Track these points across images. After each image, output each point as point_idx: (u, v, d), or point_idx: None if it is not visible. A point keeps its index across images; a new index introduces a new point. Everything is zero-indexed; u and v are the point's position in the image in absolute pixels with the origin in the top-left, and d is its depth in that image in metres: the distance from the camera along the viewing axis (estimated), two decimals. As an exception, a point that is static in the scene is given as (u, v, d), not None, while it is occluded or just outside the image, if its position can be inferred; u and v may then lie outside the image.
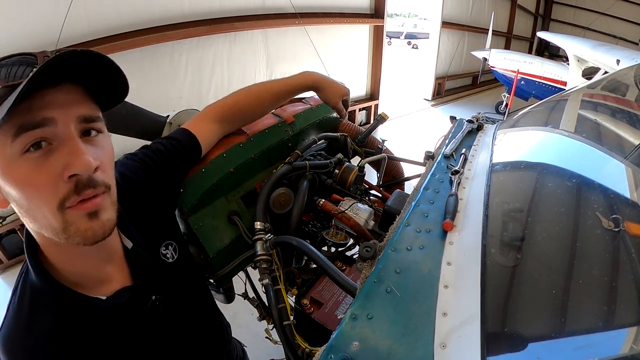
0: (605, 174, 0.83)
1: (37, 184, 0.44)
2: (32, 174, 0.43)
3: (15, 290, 0.53)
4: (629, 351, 0.47)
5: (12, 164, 0.43)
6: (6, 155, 0.43)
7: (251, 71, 3.99)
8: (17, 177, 0.44)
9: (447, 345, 0.47)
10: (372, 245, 0.62)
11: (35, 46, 2.46)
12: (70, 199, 0.45)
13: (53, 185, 0.44)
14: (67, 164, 0.44)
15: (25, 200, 0.45)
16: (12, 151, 0.43)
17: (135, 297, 0.59)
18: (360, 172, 1.06)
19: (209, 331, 0.79)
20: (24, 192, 0.44)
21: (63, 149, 0.45)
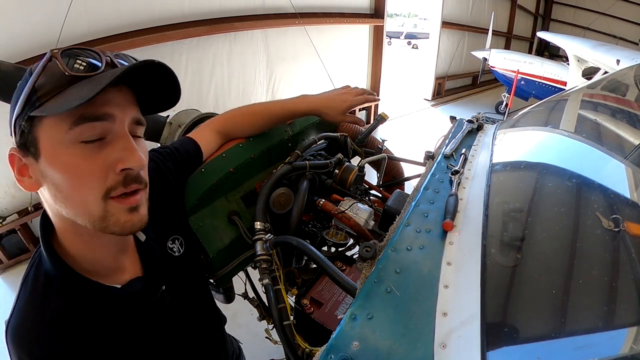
0: (605, 174, 0.83)
1: (87, 171, 0.47)
2: (84, 162, 0.47)
3: (26, 279, 0.53)
4: (629, 351, 0.47)
5: (65, 149, 0.46)
6: (60, 141, 0.46)
7: (251, 71, 3.99)
8: (68, 163, 0.47)
9: (447, 345, 0.47)
10: (372, 245, 0.62)
11: (35, 46, 2.46)
12: (116, 189, 0.49)
13: (103, 175, 0.48)
14: (121, 158, 0.48)
15: (69, 186, 0.47)
16: (68, 137, 0.46)
17: (148, 287, 0.62)
18: (360, 172, 1.06)
19: (209, 324, 0.82)
20: (72, 178, 0.47)
21: (117, 143, 0.48)
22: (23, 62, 2.38)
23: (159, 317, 0.63)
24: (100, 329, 0.54)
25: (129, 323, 0.58)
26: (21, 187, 0.50)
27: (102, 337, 0.54)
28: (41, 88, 0.46)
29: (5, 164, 1.99)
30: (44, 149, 0.47)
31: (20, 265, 2.67)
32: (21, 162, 0.49)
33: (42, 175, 0.48)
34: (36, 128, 0.46)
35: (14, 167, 0.49)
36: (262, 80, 4.15)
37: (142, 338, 0.59)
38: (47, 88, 0.46)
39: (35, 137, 0.47)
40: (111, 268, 0.58)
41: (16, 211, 2.68)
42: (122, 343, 0.56)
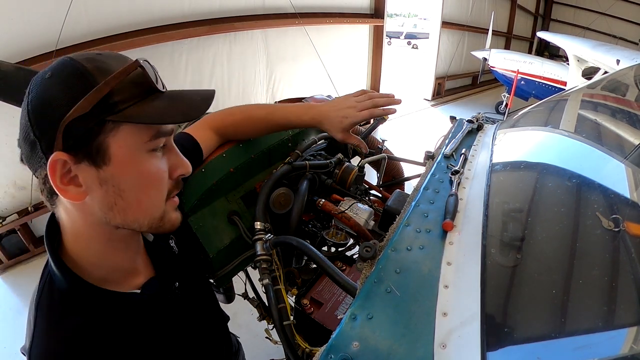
0: (605, 174, 0.83)
1: (159, 177, 0.52)
2: (158, 169, 0.51)
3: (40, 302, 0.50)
4: (629, 351, 0.47)
5: (142, 157, 0.49)
6: (138, 149, 0.48)
7: (251, 71, 3.99)
8: (145, 169, 0.49)
9: (447, 345, 0.47)
10: (372, 245, 0.62)
11: (35, 46, 2.46)
12: (172, 192, 0.55)
13: (166, 180, 0.53)
14: (176, 166, 0.54)
15: (141, 191, 0.50)
16: (146, 148, 0.49)
17: (163, 286, 0.63)
18: (360, 172, 1.06)
19: (215, 317, 0.83)
20: (147, 183, 0.50)
21: (171, 154, 0.54)
22: (23, 62, 2.38)
23: (175, 314, 0.64)
24: (123, 336, 0.53)
25: (150, 324, 0.57)
26: (62, 197, 0.46)
27: (126, 344, 0.53)
28: (119, 93, 0.44)
29: (5, 163, 2.01)
30: (117, 155, 0.46)
31: (20, 265, 2.67)
32: (67, 169, 0.45)
33: (103, 182, 0.46)
34: (108, 134, 0.45)
35: (55, 175, 0.44)
36: (262, 80, 4.15)
37: (162, 337, 0.60)
38: (125, 95, 0.45)
39: (104, 142, 0.45)
40: (127, 271, 0.58)
41: (16, 211, 2.68)
42: (145, 345, 0.56)
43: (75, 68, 0.44)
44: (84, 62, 0.44)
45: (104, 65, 0.45)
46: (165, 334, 0.60)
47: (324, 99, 1.23)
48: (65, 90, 0.43)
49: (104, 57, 0.47)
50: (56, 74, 0.44)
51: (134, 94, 0.46)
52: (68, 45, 2.59)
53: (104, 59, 0.46)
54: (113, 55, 0.48)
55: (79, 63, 0.44)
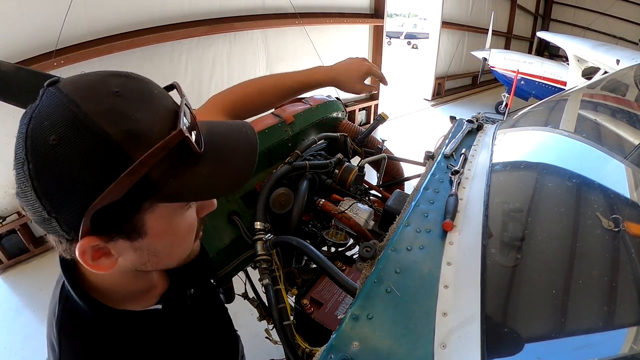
0: (605, 174, 0.83)
1: (192, 228, 0.50)
2: (192, 222, 0.49)
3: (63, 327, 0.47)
4: (629, 351, 0.47)
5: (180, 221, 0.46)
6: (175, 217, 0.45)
7: (251, 71, 3.99)
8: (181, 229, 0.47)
9: (447, 345, 0.47)
10: (372, 245, 0.62)
11: (35, 46, 2.46)
12: (199, 231, 0.54)
13: (196, 225, 0.51)
14: (204, 206, 0.51)
15: (175, 246, 0.49)
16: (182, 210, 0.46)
17: (179, 295, 0.62)
18: (360, 172, 1.06)
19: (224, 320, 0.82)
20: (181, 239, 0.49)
21: None
22: (23, 62, 2.38)
23: (191, 321, 0.63)
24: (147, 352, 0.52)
25: (170, 335, 0.57)
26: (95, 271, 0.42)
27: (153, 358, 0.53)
28: (155, 170, 0.37)
29: (5, 163, 2.01)
30: (153, 228, 0.42)
31: (20, 265, 2.67)
32: (98, 248, 0.40)
33: (137, 249, 0.43)
34: (145, 213, 0.40)
35: (86, 258, 0.39)
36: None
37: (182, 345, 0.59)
38: (162, 169, 0.38)
39: (140, 220, 0.40)
40: (146, 289, 0.57)
41: (16, 211, 2.68)
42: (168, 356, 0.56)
43: (93, 135, 0.33)
44: (104, 124, 0.34)
45: (132, 125, 0.35)
46: (184, 342, 0.60)
47: (324, 98, 1.23)
48: (88, 171, 0.34)
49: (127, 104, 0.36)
50: (67, 142, 0.33)
51: (172, 165, 0.39)
52: (68, 45, 2.59)
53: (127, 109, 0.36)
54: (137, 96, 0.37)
55: (98, 125, 0.33)
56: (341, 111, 1.29)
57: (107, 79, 0.37)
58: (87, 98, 0.35)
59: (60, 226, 0.37)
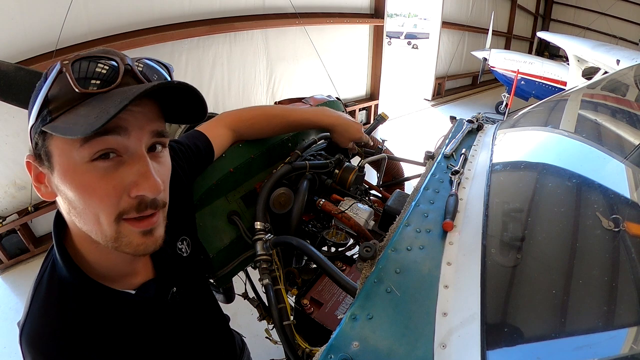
0: (605, 174, 0.82)
1: (100, 193, 0.44)
2: (97, 183, 0.44)
3: (40, 283, 0.52)
4: (629, 351, 0.47)
5: (78, 168, 0.44)
6: (72, 159, 0.43)
7: (251, 71, 3.99)
8: (80, 183, 0.44)
9: (447, 345, 0.47)
10: (372, 245, 0.62)
11: (35, 46, 2.46)
12: (129, 213, 0.46)
13: (116, 197, 0.45)
14: (135, 183, 0.45)
15: (82, 205, 0.45)
16: (80, 156, 0.43)
17: (160, 290, 0.62)
18: (360, 172, 1.06)
19: (216, 321, 0.82)
20: (84, 198, 0.45)
21: (133, 165, 0.45)
22: (23, 62, 2.38)
23: (170, 318, 0.63)
24: (115, 333, 0.54)
25: (143, 326, 0.58)
26: (39, 195, 0.49)
27: (117, 341, 0.54)
28: (52, 101, 0.43)
29: (5, 164, 2.02)
30: (57, 163, 0.45)
31: (20, 265, 2.67)
32: (38, 170, 0.48)
33: (56, 187, 0.47)
34: (49, 142, 0.45)
35: (31, 173, 0.48)
36: (262, 80, 4.15)
37: (156, 340, 0.60)
38: (59, 102, 0.43)
39: (48, 150, 0.45)
40: (125, 272, 0.58)
41: (16, 211, 2.68)
42: (136, 345, 0.56)
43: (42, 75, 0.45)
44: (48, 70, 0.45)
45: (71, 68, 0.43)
46: (157, 337, 0.60)
47: (324, 98, 1.23)
48: (32, 100, 0.45)
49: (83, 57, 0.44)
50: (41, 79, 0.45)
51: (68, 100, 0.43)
52: (68, 45, 2.59)
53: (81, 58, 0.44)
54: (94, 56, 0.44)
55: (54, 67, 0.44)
56: (341, 111, 1.29)
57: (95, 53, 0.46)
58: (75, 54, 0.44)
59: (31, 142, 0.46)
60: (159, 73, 0.50)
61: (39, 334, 0.49)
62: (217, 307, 0.85)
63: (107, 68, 0.44)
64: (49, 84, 0.44)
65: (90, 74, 0.43)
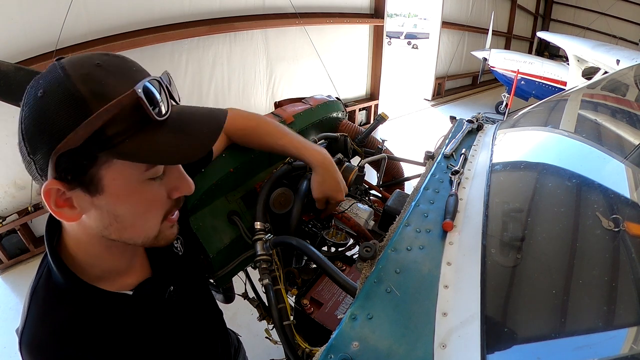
0: (605, 174, 0.83)
1: (155, 203, 0.51)
2: (155, 196, 0.50)
3: (36, 290, 0.52)
4: (629, 351, 0.47)
5: (138, 187, 0.48)
6: (134, 180, 0.47)
7: (251, 71, 3.99)
8: (142, 199, 0.49)
9: (447, 345, 0.47)
10: (372, 245, 0.62)
11: (35, 46, 2.46)
12: (172, 211, 0.54)
13: (164, 203, 0.52)
14: (177, 187, 0.52)
15: (136, 217, 0.50)
16: (143, 177, 0.47)
17: (156, 289, 0.62)
18: (360, 172, 1.06)
19: (212, 320, 0.83)
20: (141, 210, 0.50)
21: (171, 174, 0.51)
22: (23, 62, 2.38)
23: (167, 317, 0.63)
24: (113, 334, 0.54)
25: (140, 325, 0.58)
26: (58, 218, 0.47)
27: (115, 342, 0.54)
28: (113, 125, 0.41)
29: (5, 164, 2.02)
30: (111, 187, 0.45)
31: (20, 265, 2.67)
32: (63, 195, 0.45)
33: (97, 207, 0.46)
34: (101, 167, 0.43)
35: (49, 200, 0.44)
36: (262, 80, 4.15)
37: (153, 338, 0.60)
38: (121, 126, 0.41)
39: (97, 174, 0.44)
40: (123, 272, 0.58)
41: (16, 211, 2.68)
42: (135, 345, 0.57)
43: (67, 90, 0.40)
44: (78, 83, 0.40)
45: (100, 87, 0.41)
46: (154, 336, 0.60)
47: (324, 98, 1.23)
48: (57, 118, 0.40)
49: (103, 73, 0.42)
50: (48, 94, 0.41)
51: (129, 125, 0.42)
52: (68, 45, 2.59)
53: (102, 76, 0.42)
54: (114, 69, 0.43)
55: (73, 83, 0.40)
56: (341, 111, 1.29)
57: (95, 56, 0.44)
58: (73, 66, 0.42)
59: (36, 169, 0.43)
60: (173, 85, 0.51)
61: (38, 341, 0.49)
62: (214, 305, 0.85)
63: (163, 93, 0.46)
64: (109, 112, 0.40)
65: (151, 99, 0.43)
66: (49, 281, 0.52)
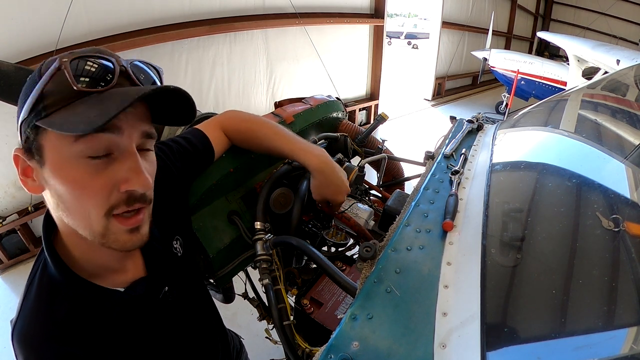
0: (605, 174, 0.83)
1: (92, 188, 0.46)
2: (89, 178, 0.46)
3: (32, 283, 0.53)
4: (629, 351, 0.47)
5: (69, 163, 0.45)
6: (65, 153, 0.45)
7: (251, 71, 3.99)
8: (72, 177, 0.45)
9: (447, 345, 0.47)
10: (372, 245, 0.62)
11: (35, 46, 2.46)
12: (119, 207, 0.48)
13: (107, 193, 0.47)
14: (127, 179, 0.47)
15: (72, 199, 0.47)
16: (74, 150, 0.44)
17: (150, 289, 0.61)
18: (360, 172, 1.06)
19: (210, 321, 0.82)
20: (75, 192, 0.46)
21: (124, 162, 0.47)
22: (23, 62, 2.38)
23: (162, 317, 0.63)
24: (105, 331, 0.54)
25: (133, 324, 0.58)
26: (24, 188, 0.49)
27: (107, 339, 0.54)
28: (48, 97, 0.44)
29: (5, 164, 2.03)
30: (48, 158, 0.46)
31: (20, 265, 2.67)
32: (25, 164, 0.48)
33: (46, 182, 0.47)
34: (41, 136, 0.45)
35: (18, 167, 0.48)
36: (262, 80, 4.15)
37: (146, 338, 0.60)
38: (54, 98, 0.44)
39: (40, 144, 0.46)
40: (114, 269, 0.58)
41: (16, 211, 2.68)
42: (127, 344, 0.56)
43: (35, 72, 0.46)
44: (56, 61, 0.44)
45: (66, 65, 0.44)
46: (148, 335, 0.60)
47: (324, 98, 1.23)
48: (24, 93, 0.46)
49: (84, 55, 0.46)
50: (34, 74, 0.46)
51: (64, 97, 0.44)
52: (68, 45, 2.59)
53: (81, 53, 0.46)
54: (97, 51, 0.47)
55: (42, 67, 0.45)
56: (341, 111, 1.29)
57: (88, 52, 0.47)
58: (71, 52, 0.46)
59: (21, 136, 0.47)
60: (147, 74, 0.52)
61: (29, 333, 0.49)
62: (213, 307, 0.85)
63: (104, 68, 0.46)
64: (45, 79, 0.44)
65: (87, 73, 0.45)
66: (44, 274, 0.53)
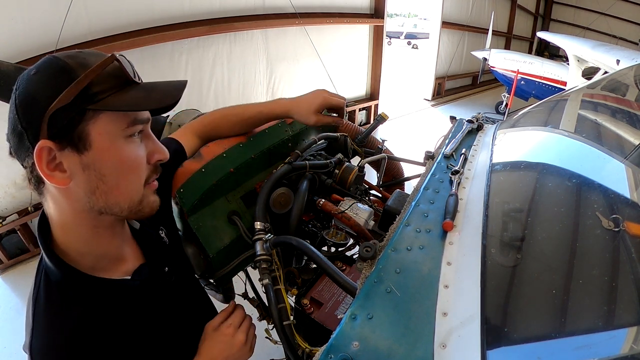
0: (605, 174, 0.83)
1: (138, 162, 0.54)
2: (137, 154, 0.54)
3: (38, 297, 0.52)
4: (629, 351, 0.47)
5: (122, 143, 0.51)
6: (117, 136, 0.51)
7: (251, 71, 3.99)
8: (124, 154, 0.52)
9: (447, 345, 0.47)
10: (372, 245, 0.62)
11: (35, 46, 2.46)
12: (151, 177, 0.58)
13: (145, 165, 0.56)
14: (156, 152, 0.57)
15: (121, 175, 0.52)
16: (124, 134, 0.51)
17: (154, 272, 0.64)
18: (360, 172, 1.06)
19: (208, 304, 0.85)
20: (126, 168, 0.53)
21: (149, 140, 0.57)
22: (23, 62, 2.38)
23: (168, 298, 0.65)
24: (120, 322, 0.55)
25: (145, 309, 0.59)
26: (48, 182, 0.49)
27: (124, 330, 0.55)
28: (98, 84, 0.48)
29: (5, 164, 2.03)
30: (97, 142, 0.49)
31: (20, 265, 2.67)
32: (53, 156, 0.47)
33: (85, 168, 0.49)
34: (88, 122, 0.48)
35: (41, 162, 0.47)
36: (262, 80, 4.15)
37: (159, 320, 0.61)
38: (104, 86, 0.48)
39: (85, 130, 0.48)
40: (115, 258, 0.59)
41: (16, 211, 2.68)
42: (143, 329, 0.58)
43: (58, 64, 0.47)
44: (66, 59, 0.48)
45: (84, 61, 0.48)
46: (160, 318, 0.61)
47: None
48: (50, 84, 0.46)
49: (85, 54, 0.50)
50: (41, 70, 0.47)
51: (111, 85, 0.49)
52: (68, 45, 2.59)
53: (84, 55, 0.50)
54: (94, 53, 0.51)
55: (62, 60, 0.47)
56: (341, 111, 1.29)
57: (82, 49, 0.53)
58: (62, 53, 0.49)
59: (28, 138, 0.47)
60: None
61: (50, 347, 0.49)
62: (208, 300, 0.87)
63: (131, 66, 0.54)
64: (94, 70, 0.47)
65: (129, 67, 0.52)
66: (48, 283, 0.52)
